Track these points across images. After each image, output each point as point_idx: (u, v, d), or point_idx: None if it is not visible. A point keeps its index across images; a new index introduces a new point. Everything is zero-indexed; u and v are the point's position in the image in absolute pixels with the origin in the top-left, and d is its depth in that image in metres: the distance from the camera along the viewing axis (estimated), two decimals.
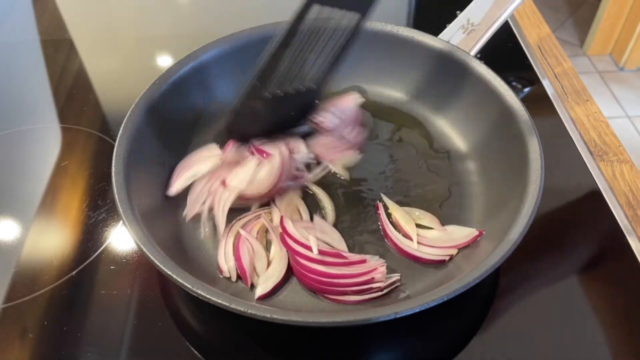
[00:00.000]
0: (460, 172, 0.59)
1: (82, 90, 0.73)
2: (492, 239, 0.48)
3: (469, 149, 0.61)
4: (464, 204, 0.56)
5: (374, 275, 0.48)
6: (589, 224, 0.57)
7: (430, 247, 0.51)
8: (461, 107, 0.62)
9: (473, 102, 0.61)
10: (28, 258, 0.54)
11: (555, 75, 0.74)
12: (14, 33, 0.85)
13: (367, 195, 0.57)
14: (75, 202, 0.59)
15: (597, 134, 0.65)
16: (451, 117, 0.64)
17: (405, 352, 0.49)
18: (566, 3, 2.45)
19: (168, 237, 0.51)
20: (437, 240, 0.52)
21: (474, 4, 0.66)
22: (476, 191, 0.57)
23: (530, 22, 0.83)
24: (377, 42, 0.65)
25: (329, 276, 0.48)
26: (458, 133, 0.63)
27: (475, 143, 0.61)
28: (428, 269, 0.51)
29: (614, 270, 0.53)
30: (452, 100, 0.63)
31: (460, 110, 0.63)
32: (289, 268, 0.50)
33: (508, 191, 0.53)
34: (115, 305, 0.50)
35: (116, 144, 0.52)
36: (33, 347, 0.47)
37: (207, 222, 0.54)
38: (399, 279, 0.49)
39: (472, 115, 0.61)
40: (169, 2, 0.92)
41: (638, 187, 0.59)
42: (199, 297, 0.42)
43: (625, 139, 1.86)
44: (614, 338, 0.47)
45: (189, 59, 0.61)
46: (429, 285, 0.49)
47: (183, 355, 0.47)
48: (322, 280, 0.48)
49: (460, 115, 0.63)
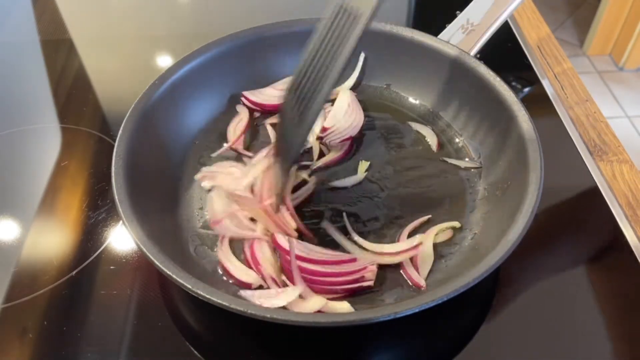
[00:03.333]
0: (459, 172, 0.59)
1: (82, 90, 0.73)
2: (492, 239, 0.48)
3: (468, 149, 0.61)
4: (463, 204, 0.56)
5: (364, 274, 0.48)
6: (589, 224, 0.57)
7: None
8: (460, 107, 0.63)
9: (472, 102, 0.61)
10: (28, 258, 0.54)
11: (554, 75, 0.74)
12: (13, 33, 0.85)
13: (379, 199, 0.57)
14: (75, 202, 0.59)
15: (597, 134, 0.65)
16: (449, 118, 0.64)
17: (405, 352, 0.49)
18: (566, 3, 2.45)
19: (168, 237, 0.51)
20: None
21: (473, 4, 0.66)
22: (475, 190, 0.57)
23: (530, 22, 0.83)
24: (376, 41, 0.65)
25: (318, 274, 0.48)
26: (457, 132, 0.63)
27: (474, 143, 0.61)
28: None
29: (614, 270, 0.53)
30: (450, 101, 0.64)
31: (459, 110, 0.63)
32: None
33: (507, 191, 0.53)
34: (115, 305, 0.50)
35: (116, 144, 0.52)
36: (33, 347, 0.47)
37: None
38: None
39: (471, 116, 0.61)
40: (169, 2, 0.92)
41: (638, 187, 0.59)
42: (199, 297, 0.42)
43: (625, 139, 1.85)
44: (613, 336, 0.48)
45: (188, 59, 0.61)
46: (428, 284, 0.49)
47: (183, 355, 0.47)
48: (312, 279, 0.48)
49: (459, 115, 0.63)
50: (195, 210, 0.56)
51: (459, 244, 0.52)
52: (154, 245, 0.45)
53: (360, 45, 0.56)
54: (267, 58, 0.67)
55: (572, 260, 0.54)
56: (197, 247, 0.53)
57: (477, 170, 0.59)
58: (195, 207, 0.56)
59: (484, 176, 0.58)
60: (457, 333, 0.49)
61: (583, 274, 0.53)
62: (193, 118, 0.62)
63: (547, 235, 0.55)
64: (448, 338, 0.49)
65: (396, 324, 0.41)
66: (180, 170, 0.59)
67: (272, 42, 0.66)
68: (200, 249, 0.53)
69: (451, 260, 0.51)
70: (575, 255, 0.54)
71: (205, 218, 0.55)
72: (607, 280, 0.52)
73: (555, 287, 0.51)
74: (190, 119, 0.62)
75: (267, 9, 0.87)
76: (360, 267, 0.49)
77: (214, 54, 0.63)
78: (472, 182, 0.58)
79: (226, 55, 0.64)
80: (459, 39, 0.65)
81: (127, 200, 0.48)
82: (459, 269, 0.49)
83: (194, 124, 0.62)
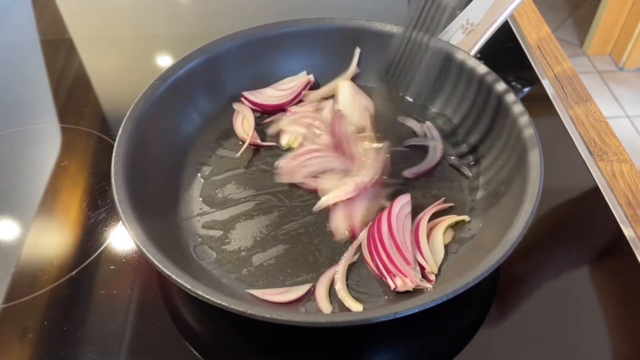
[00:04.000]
0: (459, 171, 0.59)
1: (82, 90, 0.73)
2: (492, 239, 0.48)
3: (468, 148, 0.61)
4: (463, 204, 0.56)
5: (401, 277, 0.48)
6: (589, 224, 0.57)
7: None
8: (460, 106, 0.63)
9: (472, 102, 0.61)
10: (28, 258, 0.54)
11: (555, 75, 0.74)
12: (14, 33, 0.85)
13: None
14: (75, 202, 0.59)
15: (597, 134, 0.65)
16: (449, 117, 0.64)
17: (405, 352, 0.49)
18: (566, 3, 2.45)
19: (168, 237, 0.51)
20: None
21: (473, 4, 0.66)
22: (474, 191, 0.57)
23: (530, 22, 0.83)
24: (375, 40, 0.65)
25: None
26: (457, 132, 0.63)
27: (475, 142, 0.61)
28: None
29: (614, 270, 0.53)
30: (450, 100, 0.64)
31: (458, 110, 0.63)
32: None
33: (508, 191, 0.53)
34: (116, 305, 0.50)
35: (115, 144, 0.52)
36: (33, 347, 0.47)
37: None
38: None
39: (471, 115, 0.61)
40: (169, 1, 0.92)
41: (638, 187, 0.59)
42: (199, 297, 0.42)
43: (625, 139, 1.85)
44: (615, 335, 0.48)
45: (188, 59, 0.61)
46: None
47: (183, 355, 0.47)
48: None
49: (459, 115, 0.63)
50: (195, 210, 0.56)
51: (459, 243, 0.53)
52: (153, 246, 0.45)
53: (359, 44, 0.56)
54: (267, 58, 0.67)
55: (571, 260, 0.54)
56: (196, 247, 0.53)
57: (476, 170, 0.59)
58: (195, 208, 0.56)
59: (482, 176, 0.58)
60: (457, 333, 0.49)
61: (583, 274, 0.53)
62: (193, 118, 0.63)
63: (547, 235, 0.55)
64: (448, 338, 0.49)
65: (396, 324, 0.41)
66: (180, 170, 0.59)
67: (272, 42, 0.66)
68: (199, 248, 0.53)
69: (451, 260, 0.51)
70: (575, 254, 0.54)
71: (205, 219, 0.55)
72: (607, 280, 0.52)
73: (555, 286, 0.51)
74: (190, 119, 0.62)
75: (268, 9, 0.87)
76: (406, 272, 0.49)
77: (214, 54, 0.63)
78: (471, 182, 0.58)
79: (226, 56, 0.64)
80: (459, 39, 0.65)
81: (127, 201, 0.48)
82: (459, 269, 0.49)
83: (193, 124, 0.63)
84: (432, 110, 0.65)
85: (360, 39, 0.66)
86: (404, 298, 0.48)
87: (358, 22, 0.66)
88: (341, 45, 0.67)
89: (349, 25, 0.66)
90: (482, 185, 0.57)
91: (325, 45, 0.67)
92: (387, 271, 0.49)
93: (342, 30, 0.66)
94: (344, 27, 0.66)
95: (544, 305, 0.50)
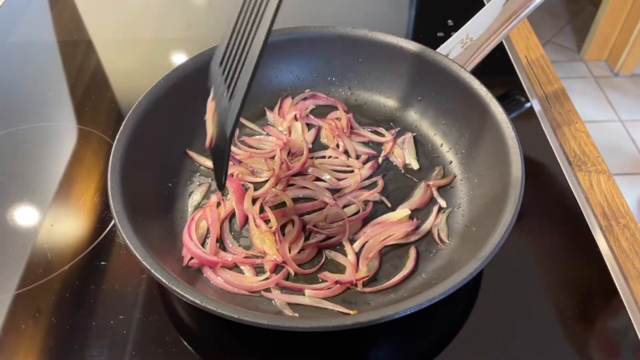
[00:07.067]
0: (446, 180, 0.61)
1: (99, 90, 0.75)
2: (477, 243, 0.49)
3: (454, 158, 0.62)
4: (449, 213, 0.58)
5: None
6: (565, 233, 0.58)
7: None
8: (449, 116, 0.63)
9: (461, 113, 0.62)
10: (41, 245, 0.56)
11: (540, 86, 0.75)
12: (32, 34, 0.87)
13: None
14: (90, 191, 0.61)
15: (577, 144, 0.67)
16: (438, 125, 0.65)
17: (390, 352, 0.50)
18: (565, 10, 2.47)
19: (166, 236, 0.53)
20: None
21: (474, 20, 0.66)
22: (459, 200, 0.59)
23: (519, 33, 0.84)
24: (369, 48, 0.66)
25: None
26: (445, 142, 0.64)
27: (461, 152, 0.62)
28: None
29: (585, 279, 0.54)
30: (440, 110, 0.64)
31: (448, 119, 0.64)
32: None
33: (490, 200, 0.54)
34: (117, 305, 0.51)
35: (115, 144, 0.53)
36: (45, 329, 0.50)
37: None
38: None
39: (459, 125, 0.62)
40: (185, 5, 0.94)
41: (614, 198, 0.61)
42: (191, 303, 0.43)
43: (617, 142, 1.89)
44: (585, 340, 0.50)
45: (195, 60, 0.62)
46: (413, 287, 0.51)
47: (182, 355, 0.48)
48: None
49: (447, 124, 0.64)
50: (190, 210, 0.58)
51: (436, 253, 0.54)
52: (143, 247, 0.46)
53: (354, 52, 0.56)
54: (269, 63, 0.68)
55: (546, 268, 0.55)
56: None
57: (462, 179, 0.60)
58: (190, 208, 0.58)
59: (468, 185, 0.59)
60: (440, 332, 0.50)
61: (555, 282, 0.54)
62: (194, 119, 0.63)
63: (523, 245, 0.56)
64: (431, 336, 0.50)
65: (384, 325, 0.43)
66: (179, 170, 0.61)
67: (274, 48, 0.66)
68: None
69: (429, 274, 0.53)
70: (549, 263, 0.55)
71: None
72: (578, 287, 0.53)
73: (529, 292, 0.53)
74: (190, 119, 0.62)
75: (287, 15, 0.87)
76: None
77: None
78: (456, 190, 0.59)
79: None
80: (457, 52, 0.66)
81: (122, 204, 0.49)
82: (437, 279, 0.50)
83: (195, 124, 0.63)
84: (419, 119, 0.67)
85: (361, 48, 0.67)
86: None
87: (360, 32, 0.66)
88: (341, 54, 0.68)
89: (350, 34, 0.66)
90: (466, 193, 0.59)
91: (325, 53, 0.68)
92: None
93: (342, 38, 0.67)
94: (345, 35, 0.67)
95: (521, 307, 0.51)
